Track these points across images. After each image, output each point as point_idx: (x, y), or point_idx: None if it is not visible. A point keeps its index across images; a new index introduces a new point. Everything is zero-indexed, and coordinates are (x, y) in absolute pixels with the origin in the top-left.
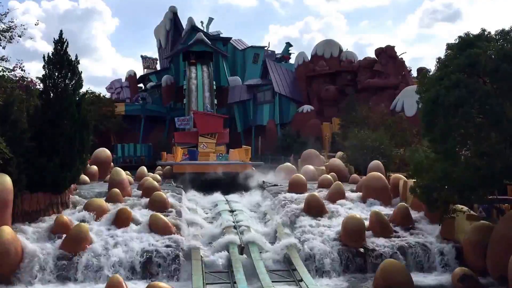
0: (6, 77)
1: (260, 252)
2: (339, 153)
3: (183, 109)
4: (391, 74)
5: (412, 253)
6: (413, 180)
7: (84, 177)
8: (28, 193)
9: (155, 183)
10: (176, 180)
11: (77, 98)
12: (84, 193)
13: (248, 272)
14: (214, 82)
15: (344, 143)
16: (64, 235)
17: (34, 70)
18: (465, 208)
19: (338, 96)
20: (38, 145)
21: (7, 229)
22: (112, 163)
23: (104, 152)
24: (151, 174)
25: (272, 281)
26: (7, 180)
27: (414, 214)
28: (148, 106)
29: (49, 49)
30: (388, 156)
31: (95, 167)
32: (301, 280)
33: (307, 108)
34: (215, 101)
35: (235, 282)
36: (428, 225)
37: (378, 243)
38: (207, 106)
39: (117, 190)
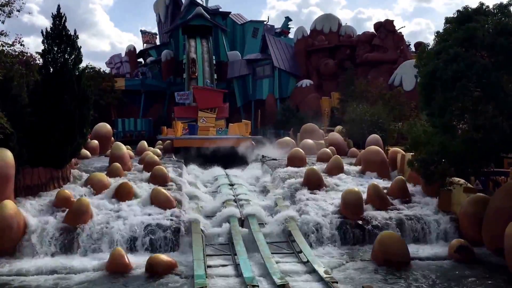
0: (5, 52)
1: (260, 225)
2: (338, 127)
3: (183, 84)
4: (390, 49)
5: (409, 225)
6: (411, 153)
7: (85, 152)
8: (29, 167)
9: (156, 157)
10: (176, 155)
11: (77, 73)
12: (85, 168)
13: (248, 244)
14: (213, 57)
15: (342, 117)
16: (66, 209)
17: (33, 45)
18: (461, 181)
19: (337, 70)
20: (39, 120)
21: (10, 203)
22: (112, 138)
23: (105, 127)
24: (152, 148)
25: (272, 253)
26: (9, 155)
27: (412, 187)
28: (148, 81)
29: (47, 23)
30: (386, 130)
31: (95, 142)
32: (300, 251)
33: (306, 82)
34: (215, 76)
35: (235, 254)
36: (425, 198)
37: (376, 215)
38: (207, 81)
39: (118, 164)
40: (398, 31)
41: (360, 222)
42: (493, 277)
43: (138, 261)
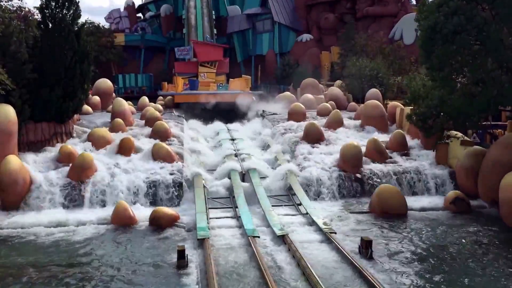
0: (3, 7)
1: (261, 178)
2: (338, 82)
3: (183, 39)
4: (391, 2)
5: (406, 178)
6: (410, 107)
7: (87, 108)
8: (32, 123)
9: (157, 113)
10: (177, 110)
11: (76, 29)
12: (87, 123)
13: (249, 197)
14: (213, 12)
15: (342, 71)
16: (70, 164)
17: (30, 0)
18: (459, 134)
19: (337, 24)
20: (40, 76)
21: (14, 159)
22: (113, 94)
23: (106, 82)
24: (153, 104)
25: (272, 205)
26: (11, 110)
27: (410, 141)
28: (147, 36)
29: None
30: (385, 84)
31: (97, 98)
32: (300, 204)
33: (306, 37)
34: (215, 31)
35: (236, 207)
36: (423, 151)
37: (375, 169)
38: (207, 36)
39: (119, 120)
40: None
41: (358, 175)
42: (487, 227)
43: (141, 214)
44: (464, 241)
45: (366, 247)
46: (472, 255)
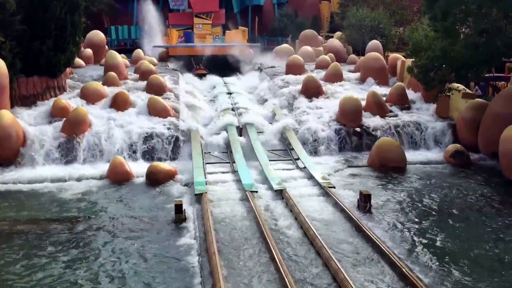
0: None
1: (258, 133)
2: (338, 33)
3: None
4: None
5: (406, 132)
6: (411, 59)
7: (79, 61)
8: (23, 77)
9: (152, 66)
10: (171, 64)
11: None
12: (80, 77)
13: (246, 152)
14: None
15: (342, 23)
16: (64, 119)
17: None
18: (461, 87)
19: None
20: (30, 29)
21: (7, 113)
22: (106, 46)
23: (98, 34)
24: (147, 57)
25: (270, 160)
26: (1, 64)
27: (411, 94)
28: None
29: None
30: (386, 35)
31: (89, 51)
32: (298, 158)
33: None
34: None
35: (233, 162)
36: (424, 104)
37: (374, 122)
38: None
39: (113, 73)
40: None
41: (358, 129)
42: (487, 180)
43: (138, 169)
44: (463, 194)
45: (364, 201)
46: (471, 207)
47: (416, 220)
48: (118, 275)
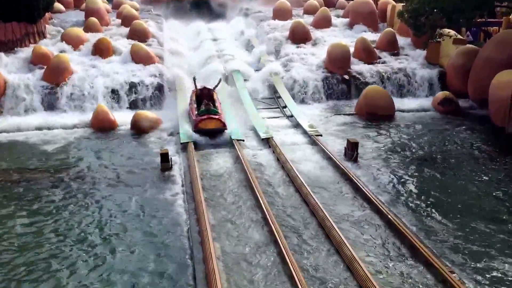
0: None
1: (245, 81)
2: None
3: None
4: None
5: (395, 79)
6: (402, 3)
7: (59, 5)
8: (1, 22)
9: (134, 11)
10: (155, 8)
11: None
12: (60, 23)
13: (232, 100)
14: None
15: None
16: (45, 66)
17: None
18: (452, 33)
19: None
20: None
21: None
22: None
23: None
24: (129, 1)
25: (257, 108)
26: None
27: (401, 40)
28: None
29: None
30: None
31: None
32: (285, 106)
33: None
34: None
35: None
36: (414, 50)
37: (363, 69)
38: None
39: (94, 19)
40: None
41: (346, 76)
42: (475, 127)
43: (122, 118)
44: (450, 141)
45: (352, 149)
46: (458, 154)
47: (402, 168)
48: (108, 220)
